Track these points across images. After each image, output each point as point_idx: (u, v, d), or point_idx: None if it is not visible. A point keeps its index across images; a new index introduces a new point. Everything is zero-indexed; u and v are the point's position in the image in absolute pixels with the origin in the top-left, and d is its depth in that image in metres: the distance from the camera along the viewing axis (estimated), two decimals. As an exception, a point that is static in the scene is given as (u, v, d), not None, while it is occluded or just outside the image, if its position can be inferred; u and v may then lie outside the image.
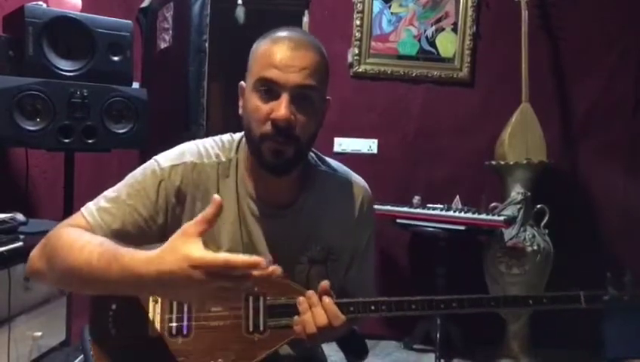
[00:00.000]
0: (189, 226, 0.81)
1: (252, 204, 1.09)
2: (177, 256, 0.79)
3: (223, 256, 0.78)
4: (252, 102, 1.02)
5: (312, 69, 1.01)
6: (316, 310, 0.99)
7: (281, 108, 0.98)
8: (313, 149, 1.17)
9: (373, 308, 1.03)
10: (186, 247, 0.79)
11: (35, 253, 1.00)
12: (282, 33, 1.04)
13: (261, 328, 1.01)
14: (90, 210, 1.04)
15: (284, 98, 0.99)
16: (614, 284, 1.08)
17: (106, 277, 0.87)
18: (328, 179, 1.16)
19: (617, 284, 1.08)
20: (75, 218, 1.04)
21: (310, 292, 1.02)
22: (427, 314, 1.04)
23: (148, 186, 1.05)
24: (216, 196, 0.83)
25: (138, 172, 1.08)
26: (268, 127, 1.00)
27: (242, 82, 1.08)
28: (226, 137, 1.15)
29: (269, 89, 1.00)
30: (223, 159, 1.10)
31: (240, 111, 1.09)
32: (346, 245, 1.17)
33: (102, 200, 1.05)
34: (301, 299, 1.01)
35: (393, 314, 1.03)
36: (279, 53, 1.00)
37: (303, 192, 1.12)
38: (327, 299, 1.00)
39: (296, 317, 1.00)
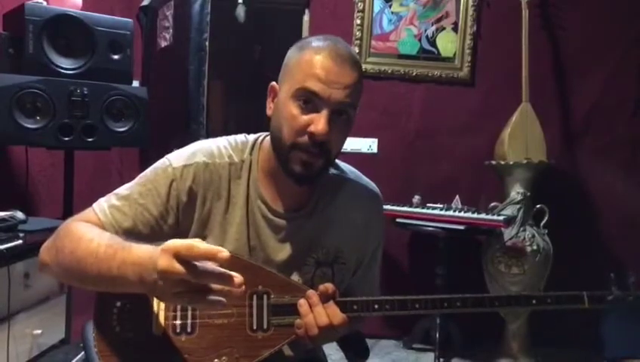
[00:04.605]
0: (175, 242, 0.80)
1: (263, 206, 1.09)
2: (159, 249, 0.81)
3: (188, 242, 0.78)
4: (289, 110, 1.01)
5: (354, 87, 1.01)
6: (317, 309, 0.99)
7: (321, 123, 0.98)
8: None
9: (376, 306, 1.03)
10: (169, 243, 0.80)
11: (44, 246, 1.01)
12: (326, 43, 1.02)
13: (265, 326, 1.01)
14: (102, 206, 1.04)
15: (325, 113, 0.98)
16: (618, 285, 1.07)
17: (110, 266, 0.88)
18: (340, 182, 1.16)
19: (621, 285, 1.07)
20: (86, 213, 1.04)
21: (310, 292, 1.01)
22: (430, 313, 1.03)
23: (159, 186, 1.04)
24: (225, 253, 0.78)
25: (150, 171, 1.07)
26: (304, 138, 0.99)
27: (274, 83, 1.07)
28: (240, 138, 1.14)
29: (309, 100, 0.99)
30: (236, 160, 1.09)
31: (268, 111, 1.08)
32: (354, 249, 1.16)
33: (113, 198, 1.04)
34: (301, 301, 1.00)
35: (396, 313, 1.03)
36: (324, 66, 0.99)
37: (314, 195, 1.12)
38: (328, 300, 1.00)
39: (298, 321, 1.00)
